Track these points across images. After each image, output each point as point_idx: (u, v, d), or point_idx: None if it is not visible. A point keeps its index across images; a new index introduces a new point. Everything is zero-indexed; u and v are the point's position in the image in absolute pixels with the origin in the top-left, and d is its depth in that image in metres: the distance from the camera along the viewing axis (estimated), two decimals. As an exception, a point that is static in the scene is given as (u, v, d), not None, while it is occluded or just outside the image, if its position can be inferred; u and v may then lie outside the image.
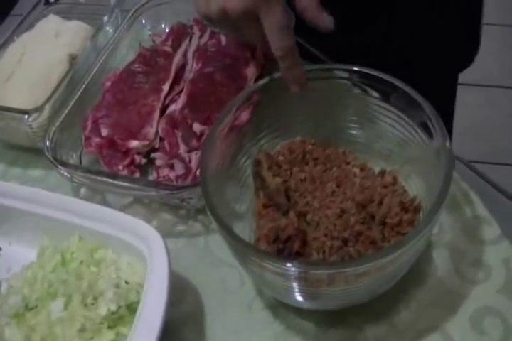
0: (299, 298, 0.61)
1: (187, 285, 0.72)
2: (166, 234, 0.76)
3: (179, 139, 0.79)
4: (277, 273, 0.57)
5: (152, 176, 0.81)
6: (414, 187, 0.68)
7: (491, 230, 0.70)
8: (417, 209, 0.66)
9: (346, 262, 0.60)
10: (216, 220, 0.59)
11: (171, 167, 0.78)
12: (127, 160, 0.80)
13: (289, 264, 0.55)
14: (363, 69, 0.68)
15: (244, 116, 0.72)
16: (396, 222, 0.65)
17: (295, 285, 0.58)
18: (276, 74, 0.71)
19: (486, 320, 0.64)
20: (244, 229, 0.68)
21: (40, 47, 0.92)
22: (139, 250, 0.66)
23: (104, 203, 0.81)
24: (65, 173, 0.76)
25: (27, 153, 0.89)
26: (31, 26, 0.97)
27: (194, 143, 0.78)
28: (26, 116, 0.82)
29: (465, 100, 1.07)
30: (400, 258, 0.56)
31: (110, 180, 0.74)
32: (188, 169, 0.77)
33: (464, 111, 1.46)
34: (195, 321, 0.69)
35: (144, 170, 0.82)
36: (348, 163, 0.71)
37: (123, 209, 0.80)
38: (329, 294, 0.59)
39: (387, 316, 0.65)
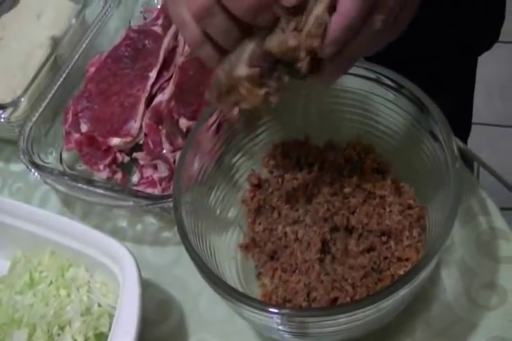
0: (283, 335, 0.53)
1: (171, 303, 0.66)
2: (151, 241, 0.71)
3: (163, 137, 0.71)
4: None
5: (136, 176, 0.74)
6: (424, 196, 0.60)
7: (509, 247, 0.60)
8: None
9: (335, 308, 0.50)
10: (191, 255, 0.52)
11: (155, 167, 0.71)
12: (108, 159, 0.73)
13: (272, 310, 0.47)
14: (368, 66, 0.59)
15: (237, 110, 0.63)
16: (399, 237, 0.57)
17: (278, 327, 0.50)
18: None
19: (500, 353, 0.56)
20: (232, 237, 0.63)
21: (21, 30, 0.85)
22: (112, 271, 0.59)
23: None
24: (38, 177, 0.70)
25: (9, 145, 0.82)
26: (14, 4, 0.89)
27: (179, 141, 0.71)
28: (1, 111, 0.75)
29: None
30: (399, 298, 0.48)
31: (85, 186, 0.68)
32: (172, 171, 0.70)
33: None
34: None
35: (127, 168, 0.75)
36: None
37: (108, 208, 0.74)
38: (316, 335, 0.51)
39: (387, 347, 0.58)
